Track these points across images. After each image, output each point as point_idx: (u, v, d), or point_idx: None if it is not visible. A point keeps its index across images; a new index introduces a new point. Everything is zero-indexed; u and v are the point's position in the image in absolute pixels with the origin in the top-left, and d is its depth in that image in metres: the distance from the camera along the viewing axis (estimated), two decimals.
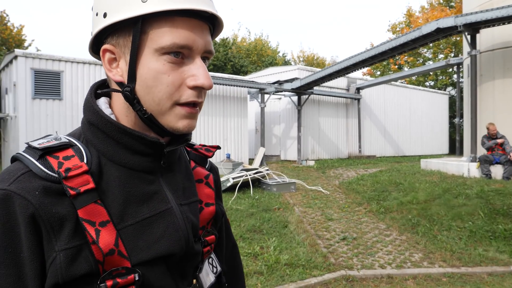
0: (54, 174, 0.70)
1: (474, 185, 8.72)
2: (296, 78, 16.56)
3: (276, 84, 16.56)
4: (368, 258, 5.46)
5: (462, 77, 18.43)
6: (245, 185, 9.98)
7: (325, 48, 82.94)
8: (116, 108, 0.82)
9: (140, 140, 0.78)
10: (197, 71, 0.76)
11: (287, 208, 8.24)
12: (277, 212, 7.80)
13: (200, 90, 0.78)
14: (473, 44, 10.59)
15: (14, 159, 0.75)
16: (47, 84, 11.36)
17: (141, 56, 0.75)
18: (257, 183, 10.52)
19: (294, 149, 17.93)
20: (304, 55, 40.78)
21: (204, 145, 1.02)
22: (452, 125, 28.24)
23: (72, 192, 0.69)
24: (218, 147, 1.03)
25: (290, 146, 18.45)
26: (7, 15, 26.37)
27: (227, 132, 15.74)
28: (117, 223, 0.73)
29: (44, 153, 0.73)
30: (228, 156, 14.14)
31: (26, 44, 27.03)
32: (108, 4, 0.75)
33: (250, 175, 10.18)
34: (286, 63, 37.95)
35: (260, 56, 35.72)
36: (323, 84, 17.67)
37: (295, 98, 17.61)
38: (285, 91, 16.81)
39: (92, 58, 12.04)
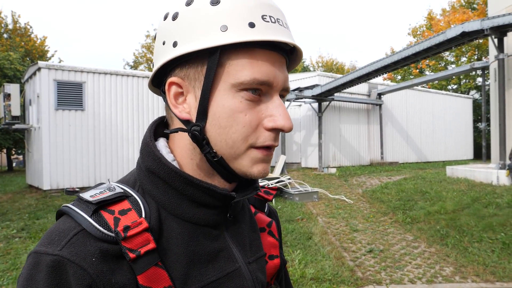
0: (111, 234, 0.60)
1: (504, 193, 8.41)
2: (317, 85, 16.38)
3: (296, 91, 16.41)
4: (397, 272, 5.26)
5: (487, 80, 17.98)
6: None
7: (344, 53, 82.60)
8: (177, 150, 0.72)
9: (208, 192, 0.68)
10: (276, 111, 0.67)
11: (311, 218, 8.08)
12: (300, 223, 7.65)
13: (278, 132, 0.68)
14: (500, 48, 10.30)
15: (61, 213, 0.64)
16: (70, 95, 11.49)
17: (215, 91, 0.66)
18: (279, 192, 10.39)
19: (315, 156, 17.74)
20: (323, 60, 40.63)
21: (262, 187, 0.91)
22: (476, 130, 27.56)
23: (131, 255, 0.59)
24: (277, 189, 0.92)
25: (311, 153, 18.25)
26: (31, 27, 27.07)
27: None
28: None
29: (99, 207, 0.62)
30: None
31: (49, 54, 27.68)
32: (180, 33, 0.66)
33: (271, 184, 10.07)
34: (305, 69, 37.85)
35: None
36: (344, 90, 17.45)
37: (315, 105, 17.44)
38: (305, 98, 16.65)
39: (113, 69, 12.20)
